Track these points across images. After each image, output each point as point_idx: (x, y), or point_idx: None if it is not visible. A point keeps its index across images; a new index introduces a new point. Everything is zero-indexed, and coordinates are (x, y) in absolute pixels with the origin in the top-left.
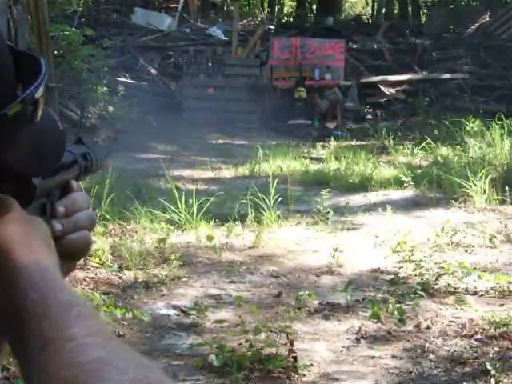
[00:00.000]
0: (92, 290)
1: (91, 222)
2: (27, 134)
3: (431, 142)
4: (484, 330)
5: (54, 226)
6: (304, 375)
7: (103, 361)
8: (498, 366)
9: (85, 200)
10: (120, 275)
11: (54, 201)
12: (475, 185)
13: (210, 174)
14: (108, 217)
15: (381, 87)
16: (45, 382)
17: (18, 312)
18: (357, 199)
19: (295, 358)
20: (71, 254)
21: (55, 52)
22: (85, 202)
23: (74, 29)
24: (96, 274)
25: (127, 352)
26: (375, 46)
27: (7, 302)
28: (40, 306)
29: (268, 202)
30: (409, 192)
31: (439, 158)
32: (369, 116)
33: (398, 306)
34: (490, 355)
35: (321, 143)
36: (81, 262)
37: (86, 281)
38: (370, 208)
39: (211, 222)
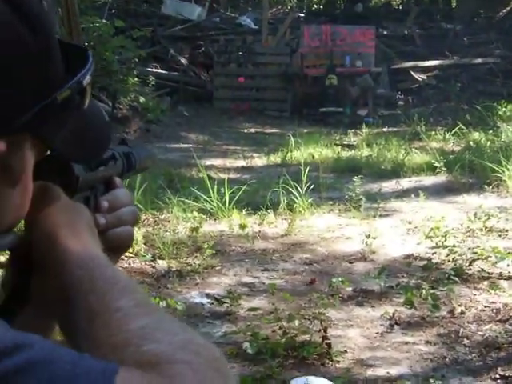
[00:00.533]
0: None
1: (134, 218)
2: (74, 121)
3: (463, 127)
4: None
5: (98, 220)
6: (338, 362)
7: (152, 326)
8: None
9: (127, 196)
10: (153, 265)
11: (97, 195)
12: (508, 169)
13: (241, 162)
14: (141, 207)
15: (412, 73)
16: (94, 348)
17: (65, 289)
18: (389, 186)
19: (329, 345)
20: (114, 247)
21: (86, 44)
22: (127, 198)
23: (104, 20)
24: (129, 264)
25: (173, 319)
26: (406, 32)
27: (55, 281)
28: (86, 281)
29: (300, 190)
30: (441, 178)
31: (471, 143)
32: (400, 102)
33: (432, 291)
34: None
35: (352, 130)
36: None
37: None
38: (403, 194)
39: (244, 211)
